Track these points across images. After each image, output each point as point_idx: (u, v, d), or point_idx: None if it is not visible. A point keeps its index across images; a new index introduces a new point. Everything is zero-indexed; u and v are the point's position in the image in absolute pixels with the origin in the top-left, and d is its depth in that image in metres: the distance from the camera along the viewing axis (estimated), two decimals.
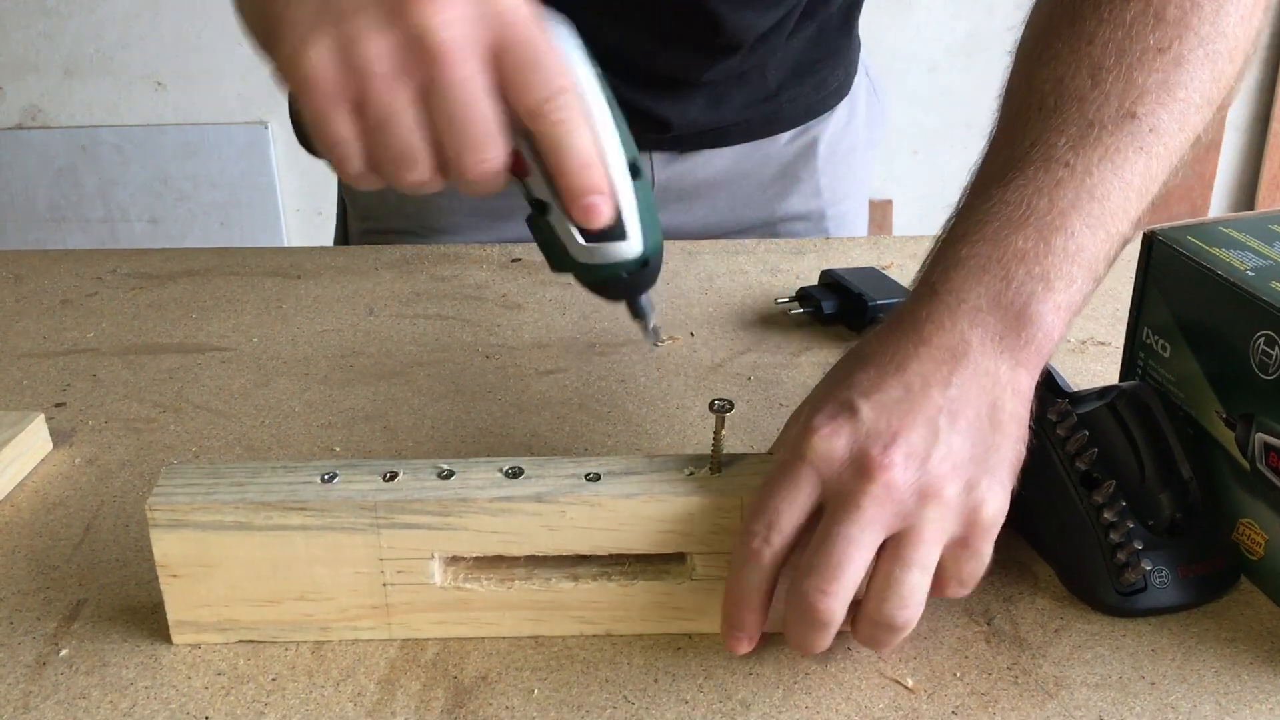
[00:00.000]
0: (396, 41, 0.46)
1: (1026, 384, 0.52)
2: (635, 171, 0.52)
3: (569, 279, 0.55)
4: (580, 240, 0.52)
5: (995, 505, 0.50)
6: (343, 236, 1.12)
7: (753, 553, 0.51)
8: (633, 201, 0.51)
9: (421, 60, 0.46)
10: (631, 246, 0.52)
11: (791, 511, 0.50)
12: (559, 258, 0.53)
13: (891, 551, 0.49)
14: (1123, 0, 0.57)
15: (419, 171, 0.48)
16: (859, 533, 0.48)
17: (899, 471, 0.48)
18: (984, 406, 0.51)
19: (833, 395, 0.51)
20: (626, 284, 0.54)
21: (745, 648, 0.53)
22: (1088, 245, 0.53)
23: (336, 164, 0.49)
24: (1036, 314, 0.52)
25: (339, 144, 0.48)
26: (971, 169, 0.60)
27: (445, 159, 0.48)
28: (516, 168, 0.50)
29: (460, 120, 0.47)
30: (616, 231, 0.51)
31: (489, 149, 0.47)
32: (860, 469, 0.49)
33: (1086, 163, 0.54)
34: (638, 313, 0.57)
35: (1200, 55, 0.57)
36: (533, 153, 0.49)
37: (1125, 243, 0.56)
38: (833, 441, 0.49)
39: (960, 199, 0.59)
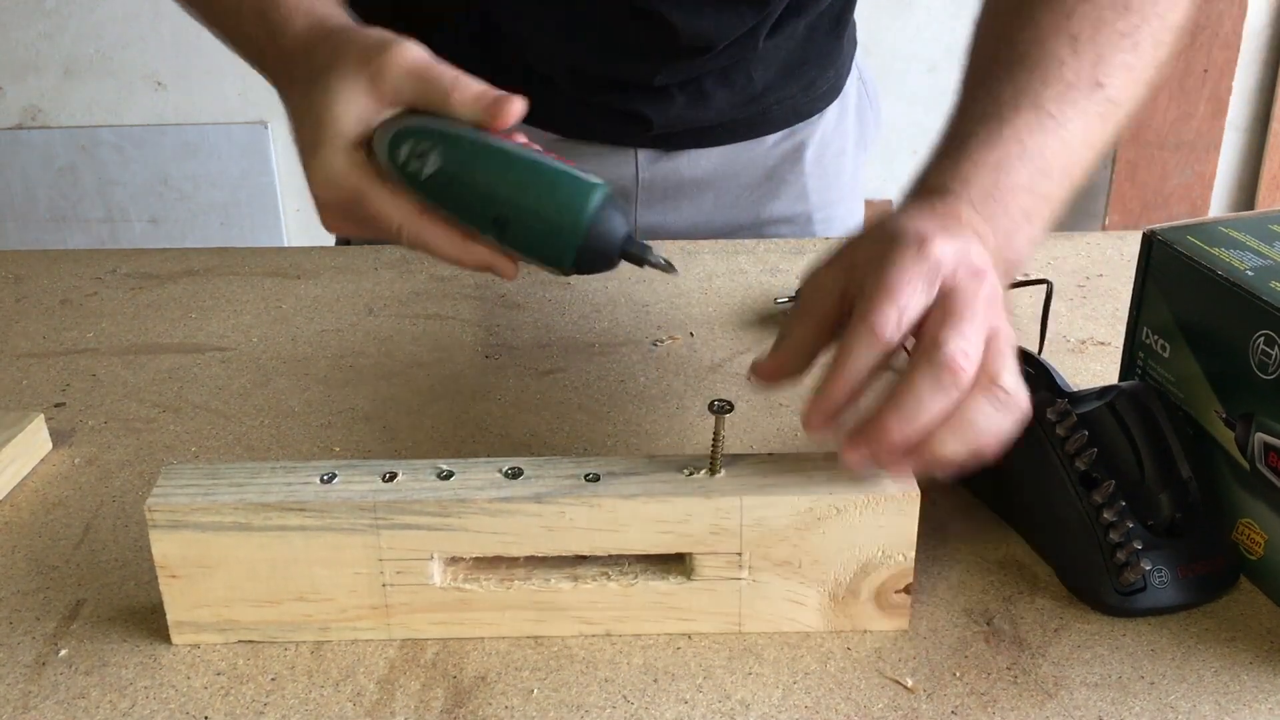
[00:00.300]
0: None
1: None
2: (502, 225, 0.55)
3: (568, 279, 0.56)
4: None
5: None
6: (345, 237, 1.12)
7: (881, 337, 0.51)
8: (519, 254, 0.56)
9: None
10: (563, 265, 0.56)
11: (917, 303, 0.51)
12: (548, 251, 0.55)
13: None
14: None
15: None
16: (984, 316, 0.51)
17: (997, 281, 0.53)
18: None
19: (926, 219, 0.54)
20: (593, 265, 0.55)
21: (823, 427, 0.53)
22: (1056, 193, 0.61)
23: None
24: (1017, 244, 0.58)
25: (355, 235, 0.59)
26: (953, 107, 0.63)
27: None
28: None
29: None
30: (539, 263, 0.56)
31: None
32: (975, 272, 0.52)
33: (1064, 117, 0.60)
34: (636, 257, 0.56)
35: (1151, 44, 0.64)
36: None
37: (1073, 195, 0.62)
38: (948, 247, 0.52)
39: (951, 122, 0.62)
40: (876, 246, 0.53)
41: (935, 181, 0.58)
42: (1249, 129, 2.42)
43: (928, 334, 0.51)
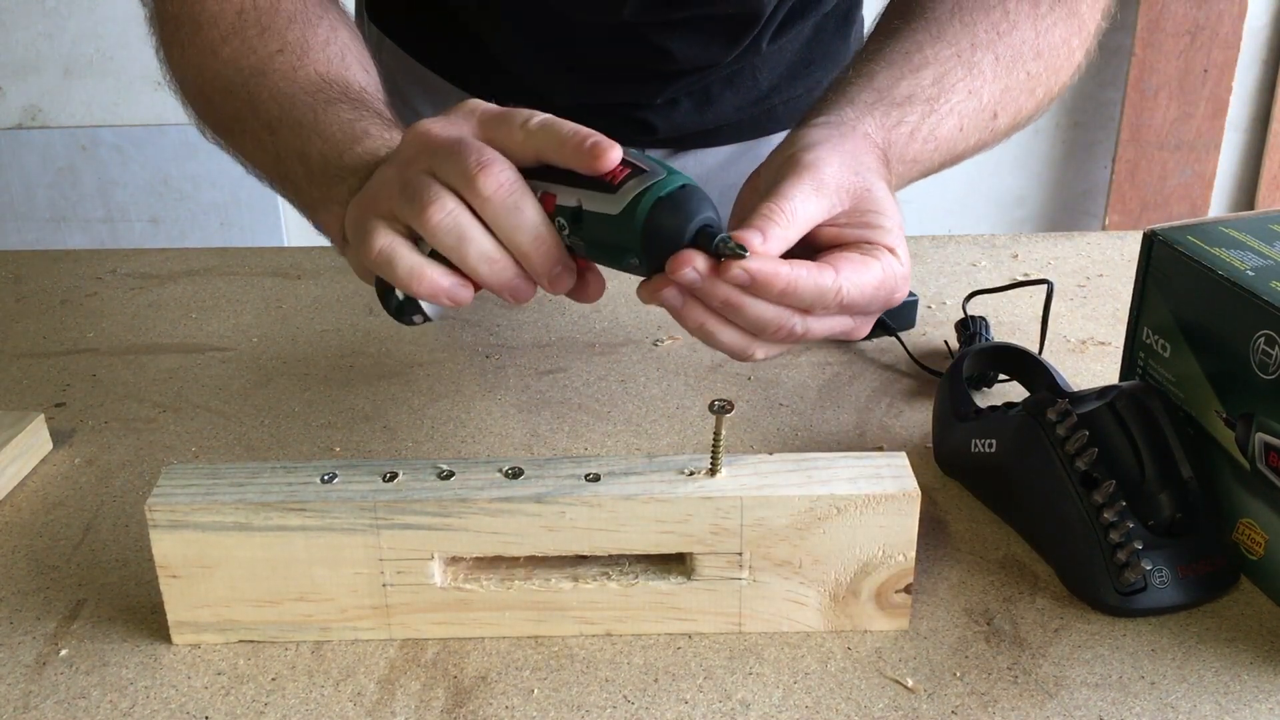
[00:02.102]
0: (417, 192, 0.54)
1: None
2: (577, 218, 0.54)
3: None
4: (614, 195, 0.52)
5: None
6: None
7: (826, 302, 0.54)
8: (631, 152, 0.54)
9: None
10: (654, 175, 0.53)
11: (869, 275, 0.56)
12: (608, 244, 0.53)
13: None
14: (1030, 19, 0.71)
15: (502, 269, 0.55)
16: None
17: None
18: None
19: (901, 239, 0.58)
20: (682, 204, 0.52)
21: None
22: (930, 163, 0.68)
23: (451, 304, 0.56)
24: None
25: (439, 292, 0.55)
26: (878, 44, 0.69)
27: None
28: (549, 207, 0.54)
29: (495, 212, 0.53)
30: (633, 173, 0.53)
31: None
32: (888, 306, 0.57)
33: (967, 131, 0.68)
34: (713, 234, 0.53)
35: (1040, 94, 0.73)
36: (542, 175, 0.54)
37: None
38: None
39: (895, 74, 0.67)
40: (873, 207, 0.57)
41: (891, 152, 0.63)
42: (1249, 129, 2.42)
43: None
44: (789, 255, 0.54)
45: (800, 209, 0.55)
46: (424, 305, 0.57)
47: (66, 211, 2.42)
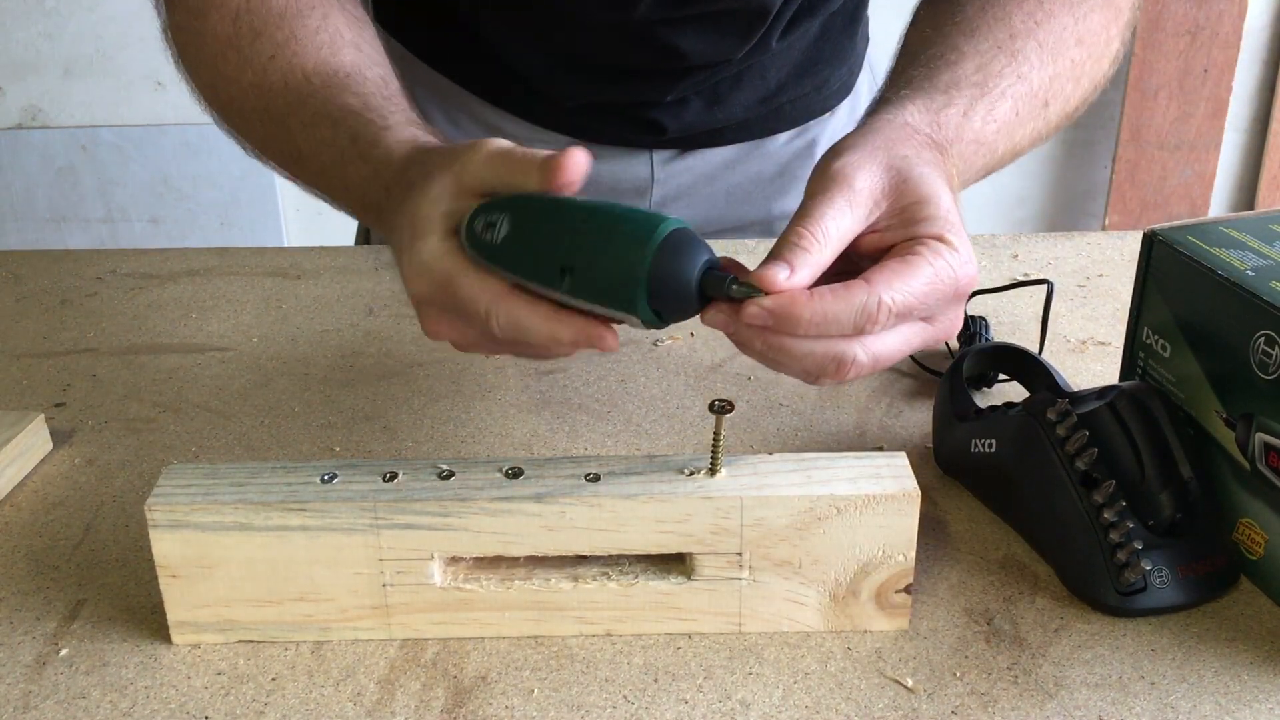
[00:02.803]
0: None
1: None
2: (568, 272, 0.51)
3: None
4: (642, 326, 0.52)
5: None
6: (364, 236, 1.12)
7: (873, 320, 0.50)
8: (591, 304, 0.51)
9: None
10: (641, 312, 0.51)
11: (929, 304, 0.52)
12: (619, 294, 0.51)
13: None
14: (1067, 6, 0.69)
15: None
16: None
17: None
18: None
19: (954, 224, 0.54)
20: (672, 300, 0.51)
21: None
22: (972, 179, 0.65)
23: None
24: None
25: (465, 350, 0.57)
26: (941, 41, 0.67)
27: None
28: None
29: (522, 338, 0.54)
30: (619, 313, 0.51)
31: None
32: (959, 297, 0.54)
33: (1021, 121, 0.65)
34: (721, 279, 0.50)
35: (1085, 83, 0.71)
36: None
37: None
38: (967, 253, 0.54)
39: (946, 72, 0.65)
40: (916, 198, 0.54)
41: (945, 135, 0.60)
42: (1249, 129, 2.42)
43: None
44: (830, 275, 0.51)
45: (833, 227, 0.51)
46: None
47: (66, 211, 2.42)
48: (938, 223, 0.53)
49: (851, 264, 0.53)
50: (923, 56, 0.66)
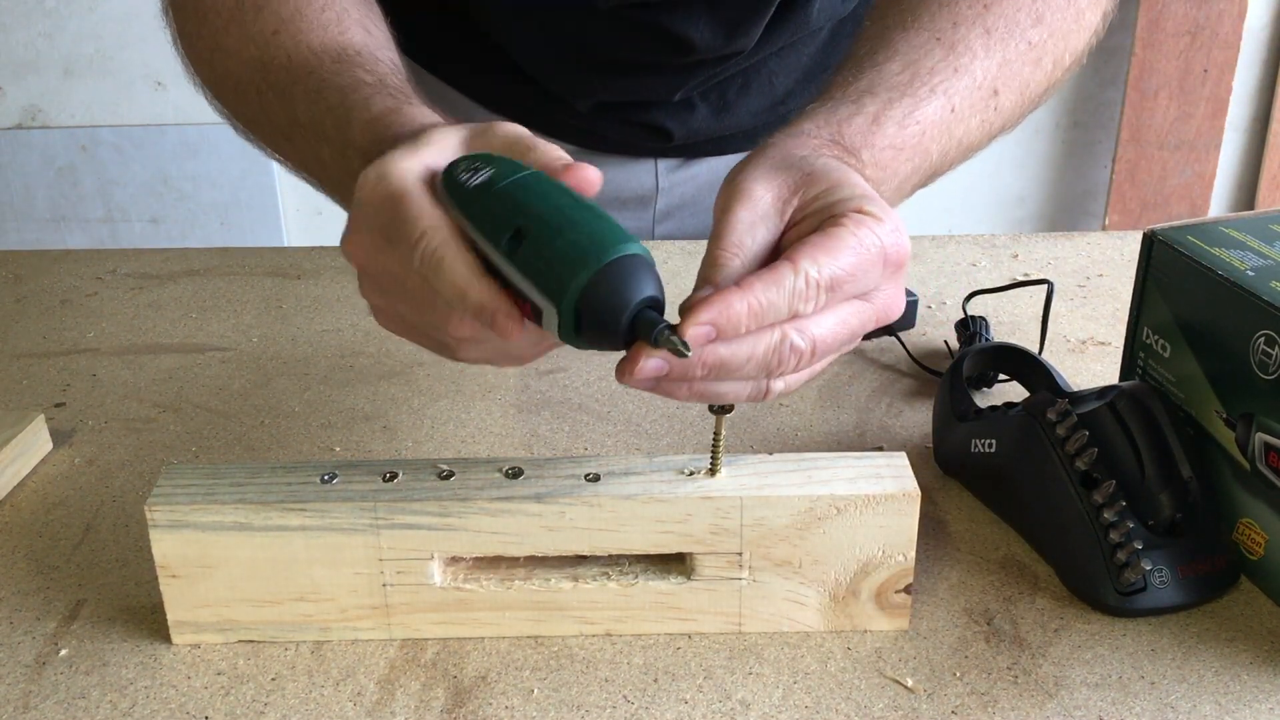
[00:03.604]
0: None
1: None
2: (518, 238, 0.47)
3: None
4: (542, 328, 0.48)
5: None
6: None
7: (804, 297, 0.48)
8: (519, 276, 0.48)
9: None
10: (549, 314, 0.47)
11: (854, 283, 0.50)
12: (555, 277, 0.47)
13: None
14: None
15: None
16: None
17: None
18: None
19: (872, 196, 0.52)
20: (598, 332, 0.47)
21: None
22: (916, 180, 0.63)
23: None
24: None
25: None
26: (861, 52, 0.65)
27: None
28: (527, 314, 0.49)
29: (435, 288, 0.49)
30: (534, 309, 0.48)
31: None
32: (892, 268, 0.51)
33: (961, 116, 0.63)
34: (651, 323, 0.47)
35: (1051, 62, 0.67)
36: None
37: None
38: (893, 229, 0.51)
39: (865, 77, 0.62)
40: (826, 185, 0.52)
41: (851, 141, 0.58)
42: (1249, 129, 2.42)
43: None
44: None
45: (746, 239, 0.50)
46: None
47: (66, 211, 2.42)
48: (854, 199, 0.50)
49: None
50: (850, 60, 0.64)
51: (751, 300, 0.47)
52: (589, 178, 0.50)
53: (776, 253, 0.51)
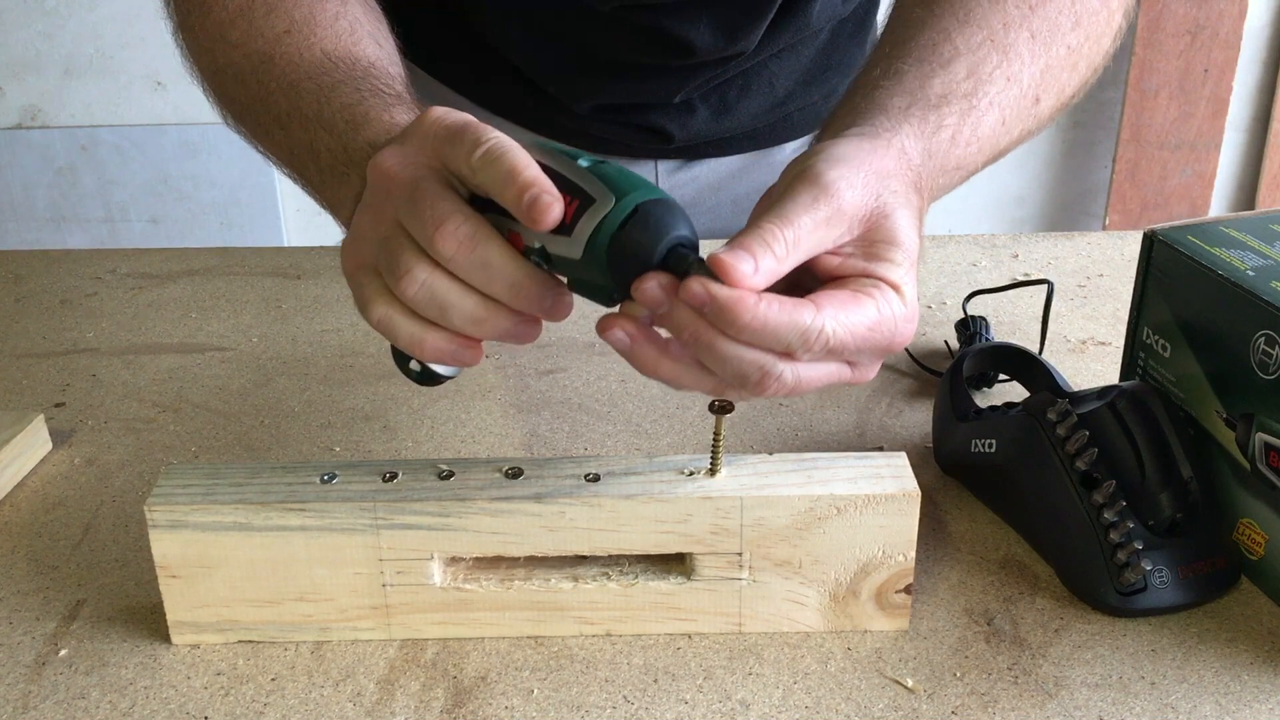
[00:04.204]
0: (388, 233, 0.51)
1: None
2: (599, 162, 0.49)
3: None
4: (570, 238, 0.48)
5: None
6: None
7: (808, 345, 0.47)
8: (582, 173, 0.49)
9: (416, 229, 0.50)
10: (603, 204, 0.47)
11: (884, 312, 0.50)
12: (586, 282, 0.49)
13: None
14: None
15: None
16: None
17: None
18: None
19: (908, 278, 0.52)
20: (636, 242, 0.47)
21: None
22: (949, 185, 0.62)
23: (462, 365, 0.52)
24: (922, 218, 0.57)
25: (444, 356, 0.51)
26: (899, 47, 0.63)
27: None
28: (517, 245, 0.49)
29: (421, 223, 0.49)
30: (582, 205, 0.48)
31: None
32: (889, 351, 0.51)
33: (1009, 126, 0.63)
34: (685, 255, 0.48)
35: (1086, 65, 0.67)
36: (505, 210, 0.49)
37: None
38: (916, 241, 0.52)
39: (925, 68, 0.61)
40: (887, 238, 0.51)
41: (935, 163, 0.58)
42: (1249, 129, 2.42)
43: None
44: (781, 287, 0.49)
45: (805, 238, 0.48)
46: (438, 367, 0.53)
47: (66, 211, 2.42)
48: (899, 270, 0.50)
49: (798, 275, 0.50)
50: (915, 46, 0.62)
51: (758, 317, 0.46)
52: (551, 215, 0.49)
53: (810, 262, 0.50)
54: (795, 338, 0.47)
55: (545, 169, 0.49)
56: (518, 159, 0.48)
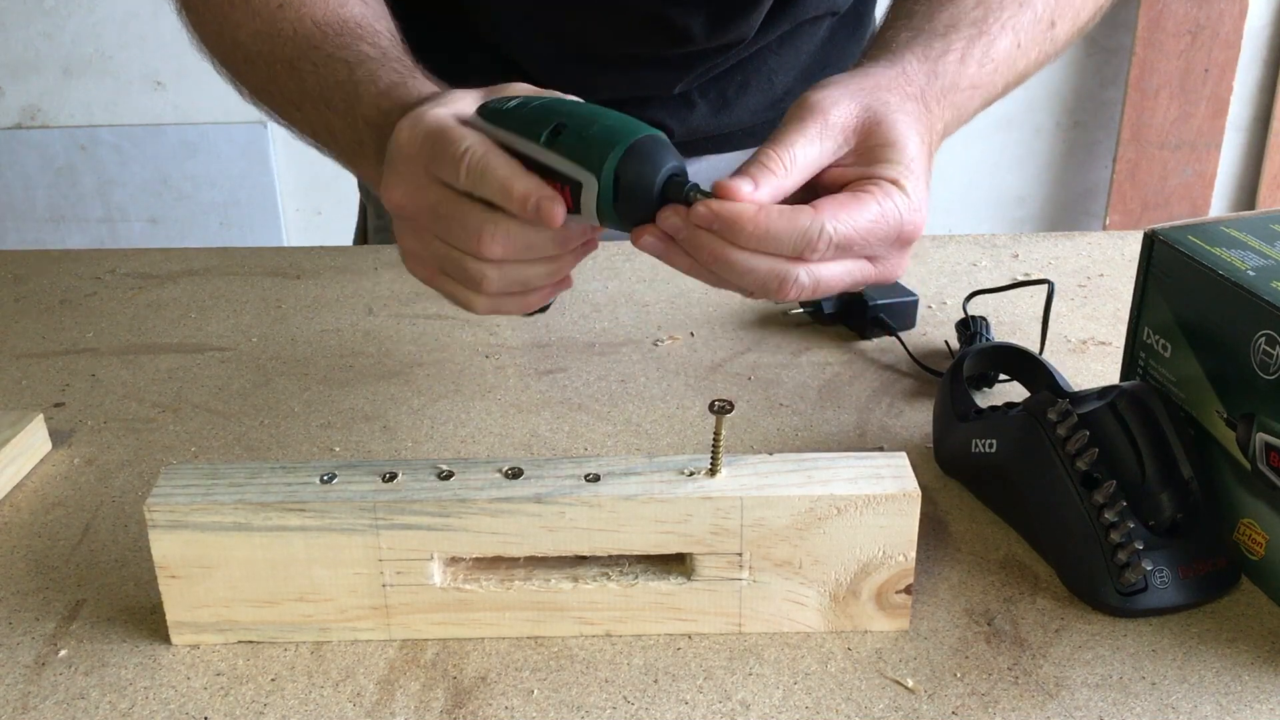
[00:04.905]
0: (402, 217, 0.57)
1: None
2: (557, 132, 0.52)
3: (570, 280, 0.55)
4: (580, 215, 0.53)
5: None
6: (362, 236, 1.12)
7: (813, 246, 0.51)
8: (549, 155, 0.52)
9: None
10: (589, 185, 0.51)
11: (882, 231, 0.53)
12: (614, 217, 0.53)
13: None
14: None
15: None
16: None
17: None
18: None
19: (912, 171, 0.55)
20: (635, 198, 0.52)
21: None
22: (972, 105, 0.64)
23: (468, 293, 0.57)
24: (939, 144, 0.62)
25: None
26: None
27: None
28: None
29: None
30: (574, 189, 0.52)
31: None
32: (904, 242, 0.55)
33: (1025, 46, 0.65)
34: (682, 184, 0.52)
35: None
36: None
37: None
38: (922, 189, 0.55)
39: (905, 5, 0.65)
40: (882, 141, 0.55)
41: (943, 83, 0.61)
42: (1249, 128, 2.42)
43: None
44: (791, 202, 0.53)
45: (801, 154, 0.53)
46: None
47: (66, 211, 2.43)
48: (897, 167, 0.54)
49: (813, 195, 0.54)
50: None
51: (759, 224, 0.50)
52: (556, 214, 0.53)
53: (817, 179, 0.55)
54: (799, 239, 0.51)
55: (522, 159, 0.53)
56: (500, 170, 0.52)
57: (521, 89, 0.57)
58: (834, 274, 0.53)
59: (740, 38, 0.88)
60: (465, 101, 0.57)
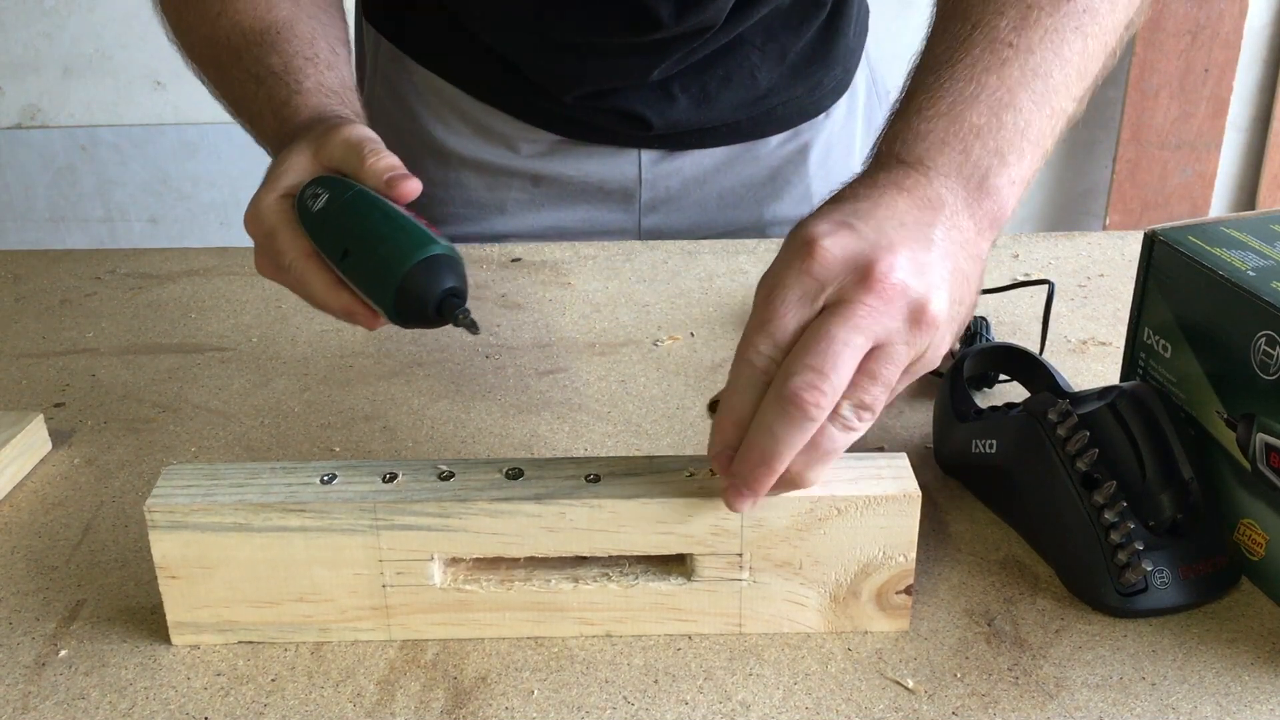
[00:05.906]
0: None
1: (985, 249, 0.54)
2: (346, 254, 0.60)
3: (569, 279, 0.55)
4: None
5: (942, 353, 0.52)
6: None
7: (756, 367, 0.49)
8: (352, 283, 0.61)
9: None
10: (382, 307, 0.59)
11: (792, 321, 0.49)
12: (376, 286, 0.60)
13: (862, 363, 0.49)
14: None
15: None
16: (853, 336, 0.48)
17: (898, 281, 0.48)
18: (959, 259, 0.51)
19: (826, 217, 0.50)
20: (414, 315, 0.59)
21: (748, 501, 0.51)
22: (1035, 121, 0.55)
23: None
24: (994, 187, 0.54)
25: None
26: (916, 52, 0.60)
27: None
28: None
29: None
30: (374, 303, 0.60)
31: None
32: (863, 276, 0.48)
33: (1028, 42, 0.56)
34: (450, 313, 0.59)
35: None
36: None
37: (1070, 120, 0.58)
38: (835, 250, 0.48)
39: (907, 79, 0.59)
40: (781, 255, 0.51)
41: (886, 147, 0.55)
42: (1249, 128, 2.42)
43: (785, 363, 0.48)
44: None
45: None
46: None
47: (66, 211, 2.42)
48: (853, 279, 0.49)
49: None
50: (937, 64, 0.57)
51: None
52: (408, 190, 0.60)
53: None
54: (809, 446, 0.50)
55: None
56: (316, 287, 0.62)
57: (345, 142, 0.62)
58: (875, 393, 0.49)
59: (710, 23, 0.88)
60: (298, 167, 0.64)
